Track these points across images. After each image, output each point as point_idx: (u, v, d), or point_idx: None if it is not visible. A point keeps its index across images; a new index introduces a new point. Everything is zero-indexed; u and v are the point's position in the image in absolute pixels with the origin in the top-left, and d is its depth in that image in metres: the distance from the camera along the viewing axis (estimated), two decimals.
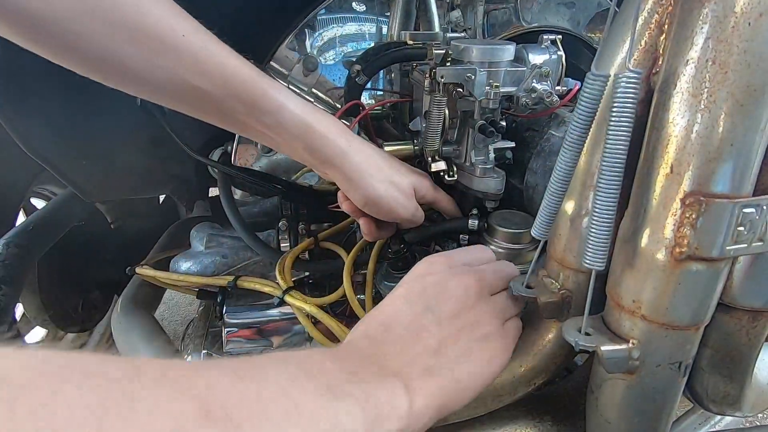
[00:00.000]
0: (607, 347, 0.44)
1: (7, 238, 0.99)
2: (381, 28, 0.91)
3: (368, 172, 0.60)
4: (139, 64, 0.48)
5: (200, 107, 0.53)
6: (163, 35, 0.47)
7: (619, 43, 0.45)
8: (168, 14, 0.48)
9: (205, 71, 0.50)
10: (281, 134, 0.56)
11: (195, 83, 0.50)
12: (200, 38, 0.50)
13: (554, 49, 0.66)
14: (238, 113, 0.53)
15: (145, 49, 0.47)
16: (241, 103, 0.53)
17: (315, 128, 0.56)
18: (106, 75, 0.49)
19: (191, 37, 0.49)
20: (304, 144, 0.57)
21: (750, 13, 0.34)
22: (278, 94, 0.54)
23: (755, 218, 0.38)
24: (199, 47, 0.49)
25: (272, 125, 0.55)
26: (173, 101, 0.53)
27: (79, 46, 0.45)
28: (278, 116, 0.54)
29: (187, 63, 0.49)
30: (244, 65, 0.52)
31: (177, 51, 0.48)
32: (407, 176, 0.65)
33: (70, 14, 0.43)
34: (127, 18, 0.45)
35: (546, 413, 0.64)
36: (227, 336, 0.81)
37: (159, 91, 0.51)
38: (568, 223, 0.50)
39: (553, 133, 0.66)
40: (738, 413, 0.55)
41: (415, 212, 0.65)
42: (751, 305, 0.45)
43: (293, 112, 0.55)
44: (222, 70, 0.51)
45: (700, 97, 0.37)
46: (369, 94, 0.89)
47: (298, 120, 0.55)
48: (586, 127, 0.42)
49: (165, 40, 0.47)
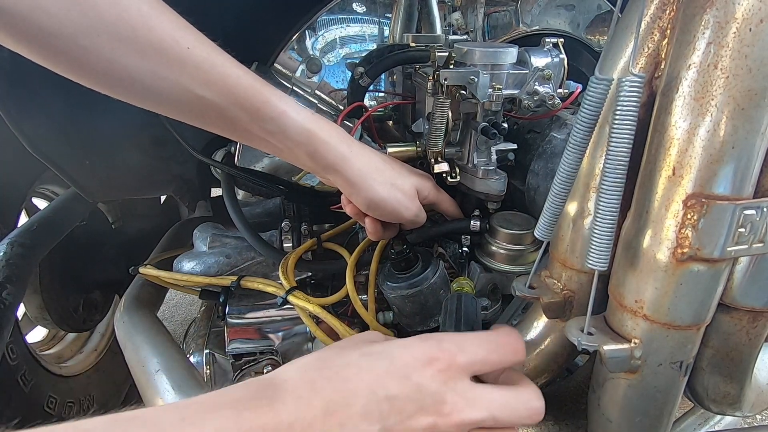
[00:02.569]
0: (609, 347, 0.45)
1: (11, 238, 0.99)
2: (382, 30, 0.91)
3: (370, 175, 0.61)
4: (144, 77, 0.48)
5: (204, 117, 0.54)
6: (169, 48, 0.48)
7: (622, 48, 0.45)
8: (173, 27, 0.48)
9: (209, 81, 0.51)
10: (284, 141, 0.57)
11: (199, 93, 0.51)
12: (204, 49, 0.50)
13: (556, 52, 0.67)
14: (242, 121, 0.54)
15: (151, 62, 0.48)
16: (245, 111, 0.53)
17: (317, 134, 0.57)
18: (112, 87, 0.50)
19: (195, 49, 0.50)
20: (307, 150, 0.57)
21: (751, 19, 0.35)
22: (280, 102, 0.55)
23: (756, 220, 0.39)
24: (203, 58, 0.50)
25: (275, 132, 0.56)
26: (177, 111, 0.54)
27: (87, 60, 0.46)
28: (281, 123, 0.55)
29: (191, 74, 0.50)
30: (247, 74, 0.53)
31: (182, 63, 0.49)
32: (409, 178, 0.66)
33: (77, 29, 0.44)
34: (134, 32, 0.46)
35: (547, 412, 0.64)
36: (230, 336, 0.81)
37: (163, 102, 0.52)
38: (570, 224, 0.50)
39: (554, 135, 0.67)
40: (738, 413, 0.55)
41: (418, 213, 0.66)
42: (752, 306, 0.46)
43: (295, 119, 0.56)
44: (225, 80, 0.52)
45: (702, 101, 0.37)
46: (371, 95, 0.89)
47: (300, 126, 0.56)
48: (589, 129, 0.43)
49: (170, 53, 0.48)
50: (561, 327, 0.55)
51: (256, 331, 0.83)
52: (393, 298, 0.70)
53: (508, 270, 0.69)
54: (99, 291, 1.42)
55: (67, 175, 0.91)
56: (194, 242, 0.87)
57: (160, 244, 1.11)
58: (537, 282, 0.55)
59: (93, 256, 1.37)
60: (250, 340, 0.83)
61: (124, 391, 1.45)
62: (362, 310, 0.73)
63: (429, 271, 0.69)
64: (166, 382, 0.65)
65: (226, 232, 0.89)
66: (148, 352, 0.72)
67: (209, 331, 0.90)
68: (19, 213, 1.16)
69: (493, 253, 0.70)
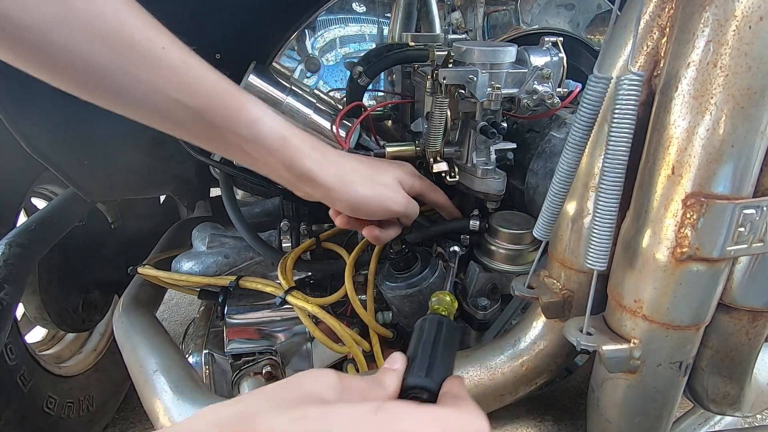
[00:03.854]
0: (608, 347, 0.44)
1: (9, 238, 0.99)
2: (382, 29, 0.91)
3: (347, 178, 0.60)
4: (118, 76, 0.47)
5: (178, 123, 0.53)
6: (143, 47, 0.47)
7: (621, 46, 0.45)
8: (146, 26, 0.47)
9: (184, 84, 0.50)
10: (259, 149, 0.55)
11: (174, 96, 0.49)
12: (179, 51, 0.49)
13: (555, 51, 0.67)
14: (217, 128, 0.53)
15: (124, 61, 0.47)
16: (220, 116, 0.52)
17: (291, 141, 0.56)
18: (83, 86, 0.48)
19: (171, 50, 0.48)
20: (282, 159, 0.56)
21: (750, 16, 0.35)
22: (256, 108, 0.54)
23: (755, 219, 0.39)
24: (179, 60, 0.49)
25: (249, 139, 0.54)
26: (150, 116, 0.52)
27: (59, 57, 0.45)
28: (255, 129, 0.54)
29: (166, 75, 0.49)
30: (222, 79, 0.52)
31: (157, 63, 0.48)
32: (388, 171, 0.64)
33: (50, 24, 0.43)
34: (108, 29, 0.45)
35: (547, 412, 0.64)
36: (228, 336, 0.81)
37: (137, 105, 0.50)
38: (569, 223, 0.50)
39: (554, 134, 0.66)
40: (738, 413, 0.55)
41: (407, 204, 0.65)
42: (752, 306, 0.46)
43: (270, 125, 0.55)
44: (201, 84, 0.51)
45: (701, 100, 0.37)
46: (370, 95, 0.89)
47: (275, 133, 0.55)
48: (588, 128, 0.42)
49: (144, 52, 0.47)
50: (560, 327, 0.55)
51: (255, 331, 0.82)
52: (392, 298, 0.70)
53: (507, 270, 0.69)
54: (98, 291, 1.42)
55: (66, 175, 0.90)
56: (193, 242, 0.87)
57: (159, 244, 1.11)
58: (536, 282, 0.55)
59: (92, 256, 1.37)
60: (249, 340, 0.83)
61: (124, 392, 1.45)
62: (361, 310, 0.73)
63: (428, 270, 0.69)
64: (164, 382, 0.65)
65: (225, 232, 0.89)
66: (146, 352, 0.72)
67: (208, 331, 0.89)
68: (18, 213, 1.15)
69: (492, 252, 0.70)
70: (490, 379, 0.58)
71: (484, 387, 0.58)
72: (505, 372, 0.58)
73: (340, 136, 0.72)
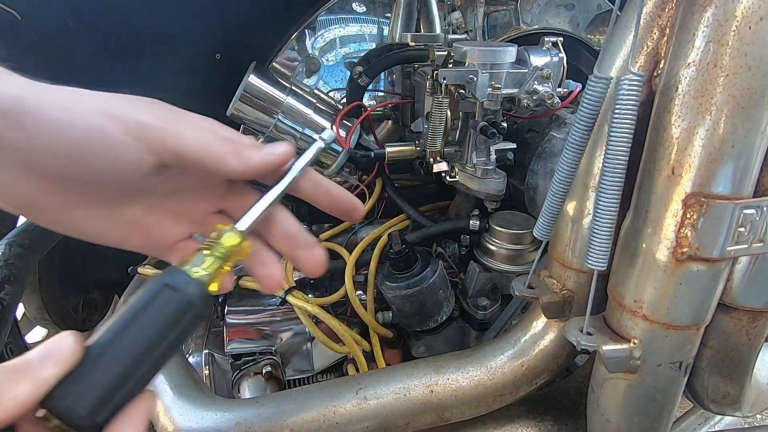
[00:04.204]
0: (608, 347, 0.44)
1: (9, 237, 0.99)
2: (382, 29, 0.91)
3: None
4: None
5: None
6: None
7: (621, 46, 0.45)
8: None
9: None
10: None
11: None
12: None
13: (555, 51, 0.67)
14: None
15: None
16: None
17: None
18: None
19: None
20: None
21: (750, 16, 0.35)
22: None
23: (755, 219, 0.38)
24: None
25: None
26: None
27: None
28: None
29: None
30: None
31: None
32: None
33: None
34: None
35: (547, 412, 0.64)
36: (229, 336, 0.81)
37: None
38: (569, 224, 0.50)
39: (554, 134, 0.66)
40: (738, 413, 0.55)
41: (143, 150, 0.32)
42: (752, 306, 0.46)
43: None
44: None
45: (701, 100, 0.37)
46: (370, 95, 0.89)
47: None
48: (588, 129, 0.42)
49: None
50: (560, 327, 0.55)
51: (255, 331, 0.82)
52: (392, 297, 0.70)
53: (508, 270, 0.69)
54: (98, 291, 1.42)
55: None
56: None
57: None
58: (536, 282, 0.54)
59: (92, 255, 1.37)
60: (249, 340, 0.82)
61: None
62: (361, 310, 0.73)
63: (428, 270, 0.69)
64: (164, 382, 0.65)
65: None
66: None
67: (208, 331, 0.89)
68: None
69: (492, 252, 0.70)
70: (490, 379, 0.58)
71: (485, 387, 0.58)
72: (506, 372, 0.58)
73: (341, 136, 0.72)
